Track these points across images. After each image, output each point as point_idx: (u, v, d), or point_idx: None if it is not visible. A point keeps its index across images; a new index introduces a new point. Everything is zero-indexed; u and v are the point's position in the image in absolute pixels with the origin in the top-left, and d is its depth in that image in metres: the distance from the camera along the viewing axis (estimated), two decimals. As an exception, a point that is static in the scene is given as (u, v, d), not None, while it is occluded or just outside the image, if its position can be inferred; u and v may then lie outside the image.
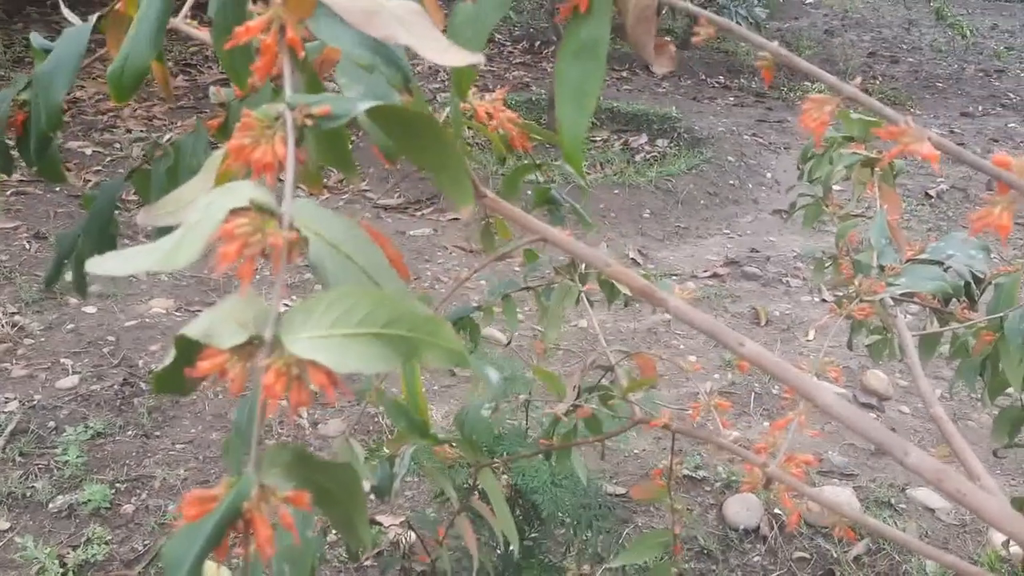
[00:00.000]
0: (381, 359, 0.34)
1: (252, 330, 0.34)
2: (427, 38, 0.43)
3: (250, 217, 0.35)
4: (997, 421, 1.08)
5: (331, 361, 0.33)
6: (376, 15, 0.42)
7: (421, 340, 0.34)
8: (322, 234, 0.38)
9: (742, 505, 1.90)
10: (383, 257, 0.42)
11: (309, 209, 0.39)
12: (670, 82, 5.76)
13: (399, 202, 3.55)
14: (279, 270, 0.36)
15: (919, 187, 4.23)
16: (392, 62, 0.49)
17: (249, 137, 0.39)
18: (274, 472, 0.35)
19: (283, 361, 0.33)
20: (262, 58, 0.44)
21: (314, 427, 2.13)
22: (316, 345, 0.33)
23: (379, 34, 0.42)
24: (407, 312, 0.35)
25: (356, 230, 0.41)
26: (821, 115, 0.54)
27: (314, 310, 0.35)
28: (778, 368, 0.55)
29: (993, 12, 9.11)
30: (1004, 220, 0.44)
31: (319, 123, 0.41)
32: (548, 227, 0.71)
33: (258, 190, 0.37)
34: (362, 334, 0.34)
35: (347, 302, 0.35)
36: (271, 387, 0.33)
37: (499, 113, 0.96)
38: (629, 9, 0.60)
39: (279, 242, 0.35)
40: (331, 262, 0.38)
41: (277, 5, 0.44)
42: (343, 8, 0.42)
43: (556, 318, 1.07)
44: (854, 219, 1.22)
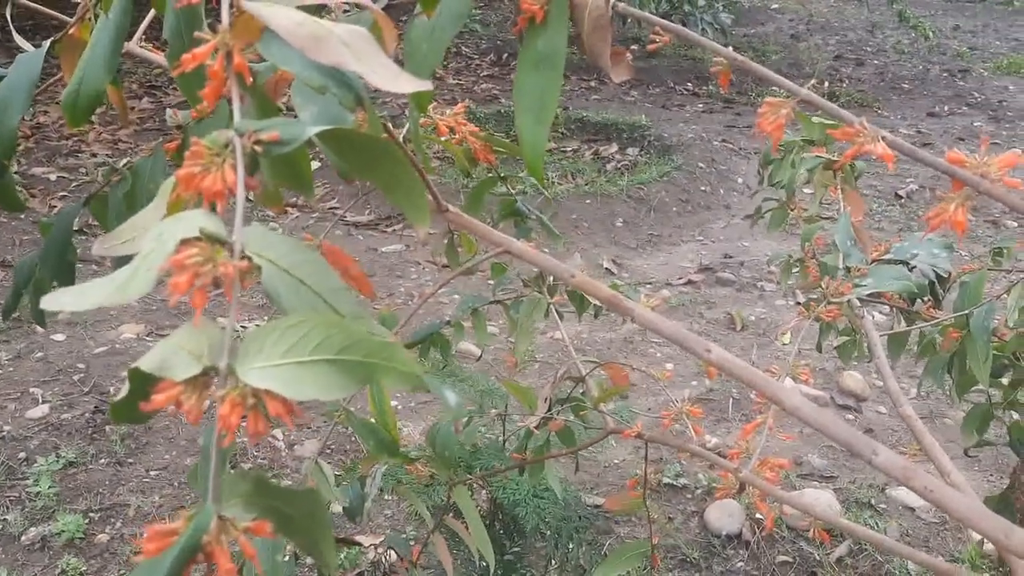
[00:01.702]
0: (337, 385, 0.34)
1: (206, 361, 0.34)
2: (376, 64, 0.43)
3: (200, 247, 0.35)
4: (966, 420, 1.09)
5: (287, 390, 0.33)
6: (324, 41, 0.42)
7: (377, 365, 0.34)
8: (275, 261, 0.38)
9: (723, 511, 1.90)
10: (339, 280, 0.41)
11: (261, 235, 0.38)
12: (639, 90, 5.79)
13: (370, 219, 3.54)
14: (232, 299, 0.35)
15: (889, 188, 4.27)
16: (344, 83, 0.48)
17: (198, 165, 0.39)
18: (234, 502, 0.35)
19: (238, 392, 0.33)
20: (210, 84, 0.44)
21: (290, 449, 2.11)
22: (271, 374, 0.33)
23: (326, 60, 0.41)
24: (362, 337, 0.34)
25: (310, 254, 0.40)
26: (777, 118, 0.54)
27: (268, 338, 0.34)
28: (745, 372, 0.54)
29: (955, 13, 9.26)
30: (959, 216, 0.44)
31: (269, 149, 0.41)
32: (512, 240, 0.71)
33: (208, 219, 0.37)
34: (318, 361, 0.34)
35: (302, 329, 0.34)
36: (226, 418, 0.32)
37: (461, 127, 0.96)
38: (584, 19, 0.60)
39: (230, 271, 0.35)
40: (285, 288, 0.38)
41: (223, 31, 0.43)
42: (290, 34, 0.41)
43: (526, 331, 1.06)
44: (819, 222, 1.22)
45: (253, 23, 0.43)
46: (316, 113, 0.51)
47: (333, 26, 0.42)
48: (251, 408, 0.32)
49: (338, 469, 1.94)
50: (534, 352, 2.60)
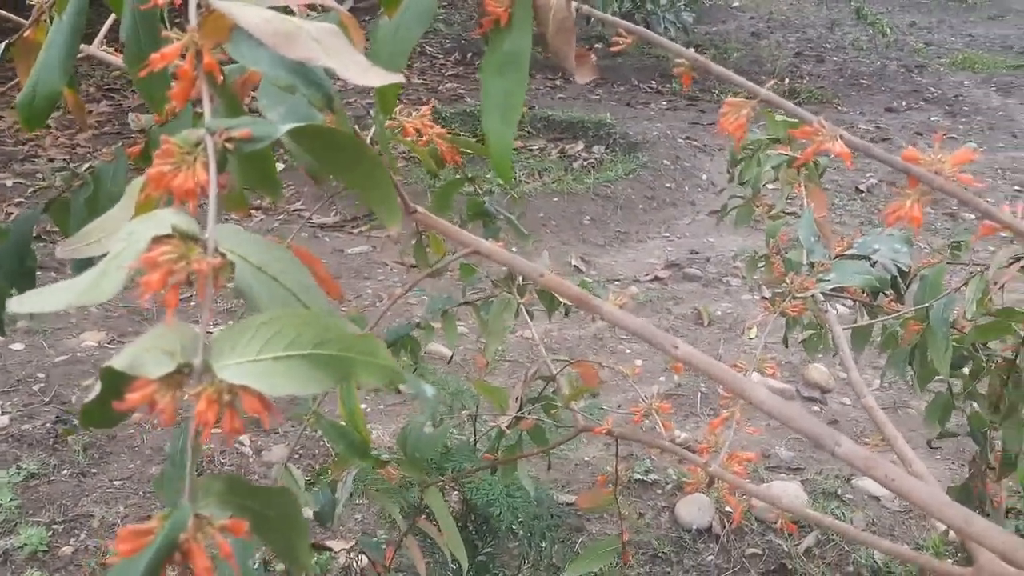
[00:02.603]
0: (315, 380, 0.34)
1: (180, 358, 0.34)
2: (347, 59, 0.43)
3: (173, 244, 0.35)
4: (928, 411, 1.11)
5: (263, 385, 0.33)
6: (295, 37, 0.42)
7: (354, 359, 0.34)
8: (248, 258, 0.38)
9: (694, 505, 1.91)
10: (311, 278, 0.41)
11: (234, 233, 0.38)
12: (604, 89, 5.82)
13: (335, 220, 3.52)
14: (205, 296, 0.35)
15: (850, 182, 4.33)
16: (313, 82, 0.48)
17: (169, 164, 0.39)
18: (209, 501, 0.35)
19: (214, 388, 0.33)
20: (179, 84, 0.43)
21: (257, 454, 2.09)
22: (247, 370, 0.33)
23: (298, 56, 0.41)
24: (338, 332, 0.34)
25: (282, 252, 0.40)
26: (739, 118, 0.55)
27: (243, 335, 0.34)
28: (711, 367, 0.55)
29: (911, 10, 9.41)
30: (915, 212, 0.45)
31: (240, 147, 0.41)
32: (480, 240, 0.71)
33: (180, 217, 0.36)
34: (294, 356, 0.34)
35: (276, 325, 0.34)
36: (203, 415, 0.32)
37: (428, 129, 0.96)
38: (548, 21, 0.60)
39: (204, 268, 0.35)
40: (258, 285, 0.38)
41: (193, 30, 0.43)
42: (261, 31, 0.41)
43: (496, 331, 1.07)
44: (784, 218, 1.24)
45: (222, 22, 0.43)
46: (284, 113, 0.51)
47: (303, 23, 0.42)
48: (227, 405, 0.31)
49: (307, 474, 1.93)
50: (504, 351, 2.60)
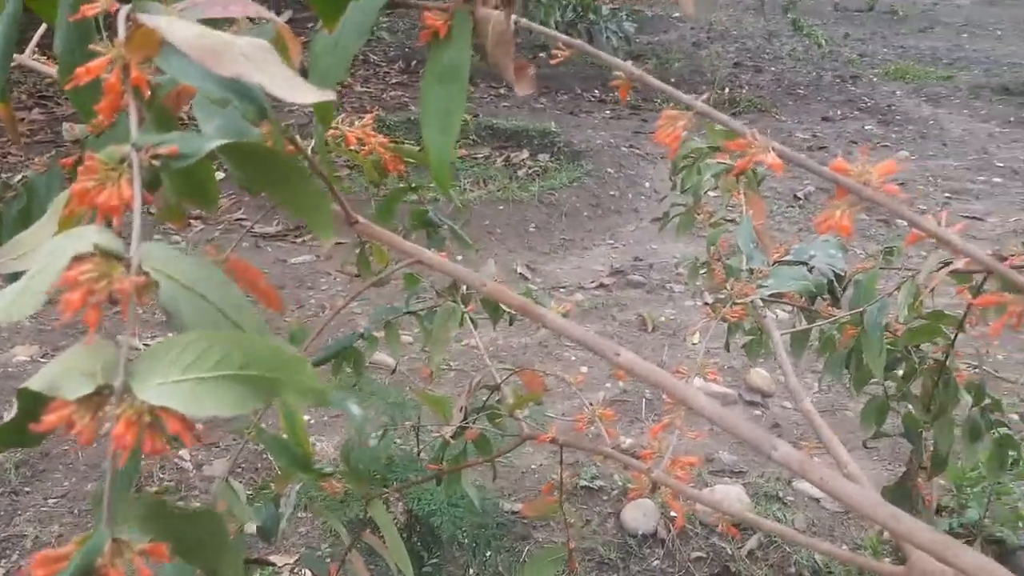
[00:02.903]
0: (239, 401, 0.33)
1: (100, 379, 0.33)
2: (278, 75, 0.42)
3: (95, 263, 0.34)
4: (864, 413, 1.14)
5: (186, 406, 0.32)
6: (223, 53, 0.41)
7: (280, 380, 0.34)
8: (174, 276, 0.37)
9: (639, 511, 1.93)
10: (241, 295, 0.41)
11: (159, 251, 0.38)
12: (547, 97, 5.86)
13: (278, 229, 3.47)
14: (128, 316, 0.35)
15: (788, 190, 4.43)
16: (246, 96, 0.47)
17: (93, 180, 0.38)
18: (130, 525, 0.34)
19: (134, 410, 0.32)
20: (106, 98, 0.43)
21: (198, 469, 2.05)
22: (169, 391, 0.32)
23: (228, 72, 0.41)
24: (265, 352, 0.34)
25: (212, 269, 0.40)
26: (674, 130, 0.56)
27: (167, 354, 0.33)
28: (653, 375, 0.56)
29: (845, 22, 9.67)
30: (844, 221, 0.46)
31: (168, 163, 0.40)
32: (422, 249, 0.71)
33: (103, 234, 0.36)
34: (219, 376, 0.33)
35: (202, 344, 0.34)
36: (121, 437, 0.32)
37: (370, 138, 0.96)
38: (488, 33, 0.61)
39: (126, 287, 0.34)
40: (184, 304, 0.37)
41: (120, 44, 0.42)
42: (189, 47, 0.41)
43: (441, 341, 1.06)
44: (724, 225, 1.26)
45: (151, 36, 0.42)
46: (219, 126, 0.50)
47: (233, 38, 0.42)
48: (147, 426, 0.31)
49: (249, 488, 1.89)
50: (450, 360, 2.60)
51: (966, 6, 11.00)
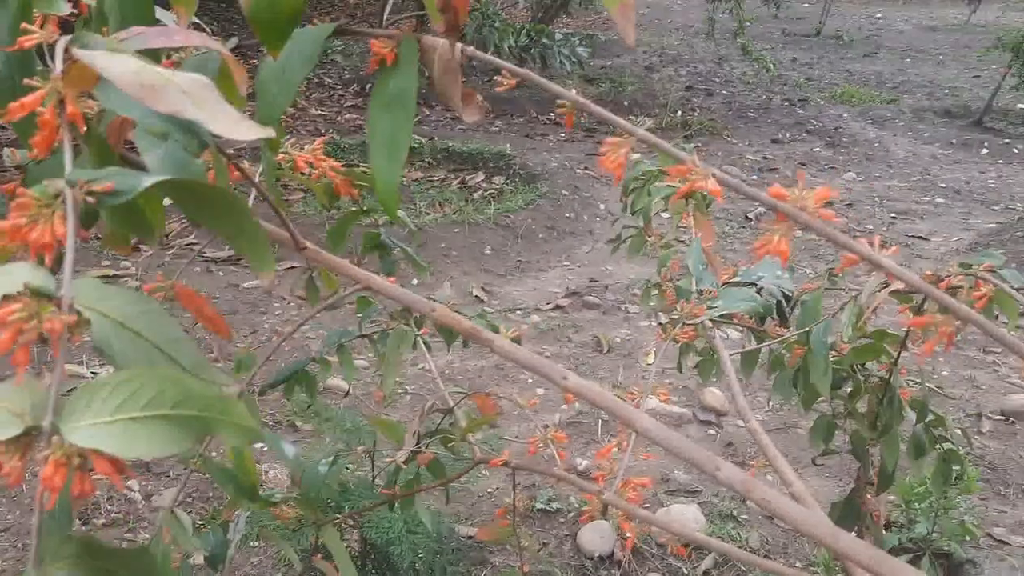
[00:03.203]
0: (171, 441, 0.33)
1: (29, 420, 0.32)
2: (217, 111, 0.42)
3: (24, 302, 0.34)
4: (812, 431, 1.16)
5: (116, 448, 0.32)
6: (161, 90, 0.41)
7: (213, 419, 0.34)
8: (107, 313, 0.37)
9: (595, 533, 1.93)
10: (178, 329, 0.40)
11: (93, 288, 0.37)
12: (503, 120, 5.89)
13: (230, 254, 3.43)
14: (59, 355, 0.34)
15: (740, 211, 4.50)
16: (187, 129, 0.47)
17: (26, 216, 0.37)
18: (61, 566, 0.34)
19: (62, 452, 0.32)
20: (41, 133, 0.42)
21: (147, 500, 2.01)
22: (99, 432, 0.32)
23: (165, 109, 0.40)
24: (197, 391, 0.34)
25: (148, 303, 0.39)
26: (618, 157, 0.57)
27: (98, 394, 0.33)
28: (599, 397, 0.56)
29: (792, 47, 9.90)
30: (782, 246, 0.48)
31: (103, 200, 0.40)
32: (371, 275, 0.71)
33: (35, 272, 0.35)
34: (151, 416, 0.33)
35: (134, 384, 0.33)
36: (49, 480, 0.31)
37: (320, 162, 0.95)
38: (435, 62, 0.61)
39: (57, 327, 0.34)
40: (118, 341, 0.36)
41: (56, 78, 0.42)
42: (126, 84, 0.40)
43: (393, 364, 1.06)
44: (674, 247, 1.28)
45: (88, 71, 0.42)
46: (161, 157, 0.50)
47: (172, 74, 0.42)
48: (76, 468, 0.30)
49: (200, 517, 1.86)
50: (405, 384, 2.58)
51: (908, 32, 11.34)
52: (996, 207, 4.87)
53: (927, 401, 1.12)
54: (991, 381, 2.86)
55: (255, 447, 2.21)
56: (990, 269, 0.82)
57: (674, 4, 11.57)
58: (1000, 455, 2.41)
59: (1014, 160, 5.95)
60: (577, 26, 9.04)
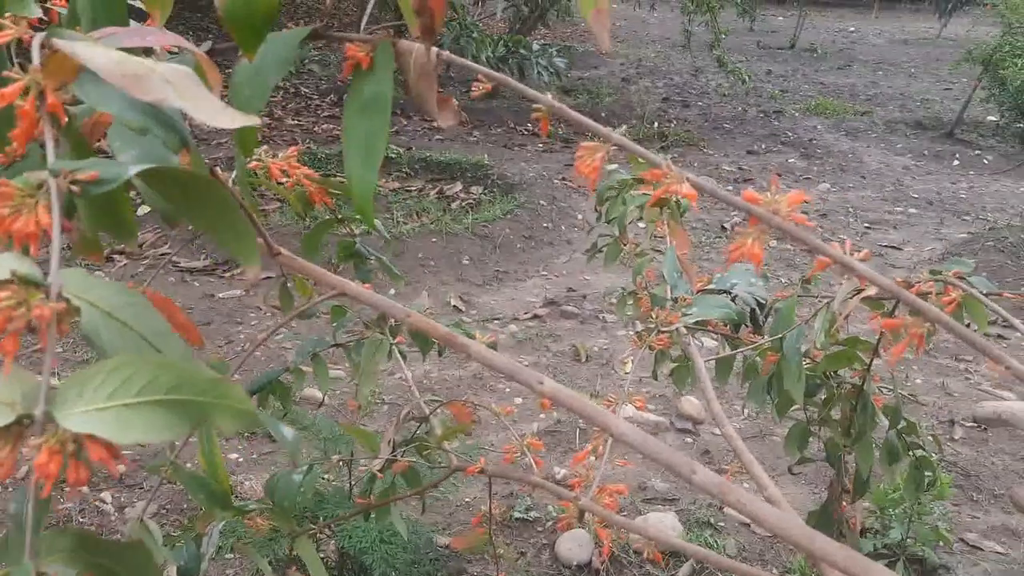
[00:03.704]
0: (168, 426, 0.33)
1: (20, 409, 0.32)
2: (200, 100, 0.42)
3: (12, 290, 0.33)
4: (787, 438, 1.16)
5: (111, 433, 0.32)
6: (145, 78, 0.41)
7: (209, 403, 0.33)
8: (96, 303, 0.36)
9: (573, 542, 1.93)
10: (166, 323, 0.40)
11: (80, 278, 0.37)
12: (481, 130, 5.90)
13: (205, 264, 3.41)
14: (47, 343, 0.34)
15: (715, 221, 4.53)
16: (166, 124, 0.47)
17: (9, 207, 0.37)
18: (55, 559, 0.33)
19: (56, 438, 0.31)
20: (20, 125, 0.42)
21: (120, 512, 1.98)
22: (94, 418, 0.32)
23: (149, 98, 0.40)
24: (193, 376, 0.33)
25: (135, 297, 0.39)
26: (593, 161, 0.57)
27: (91, 381, 0.33)
28: (575, 403, 0.56)
29: (767, 59, 10.00)
30: (755, 250, 0.48)
31: (87, 189, 0.39)
32: (346, 281, 0.71)
33: (21, 261, 0.35)
34: (145, 402, 0.33)
35: (127, 370, 0.33)
36: (44, 467, 0.31)
37: (295, 170, 0.95)
38: (410, 66, 0.61)
39: (46, 314, 0.33)
40: (107, 331, 0.36)
41: (35, 70, 0.41)
42: (109, 73, 0.40)
43: (369, 373, 1.05)
44: (648, 255, 1.28)
45: (68, 62, 0.42)
46: (137, 156, 0.49)
47: (155, 64, 0.42)
48: (71, 455, 0.30)
49: (175, 529, 1.84)
50: (381, 394, 2.57)
51: (881, 45, 11.50)
52: (967, 217, 4.94)
53: (900, 407, 1.13)
54: (963, 388, 2.89)
55: (228, 457, 2.18)
56: (959, 275, 0.83)
57: (651, 17, 11.66)
58: (972, 461, 2.44)
59: (985, 171, 6.04)
60: (554, 37, 9.09)
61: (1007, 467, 2.42)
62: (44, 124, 0.42)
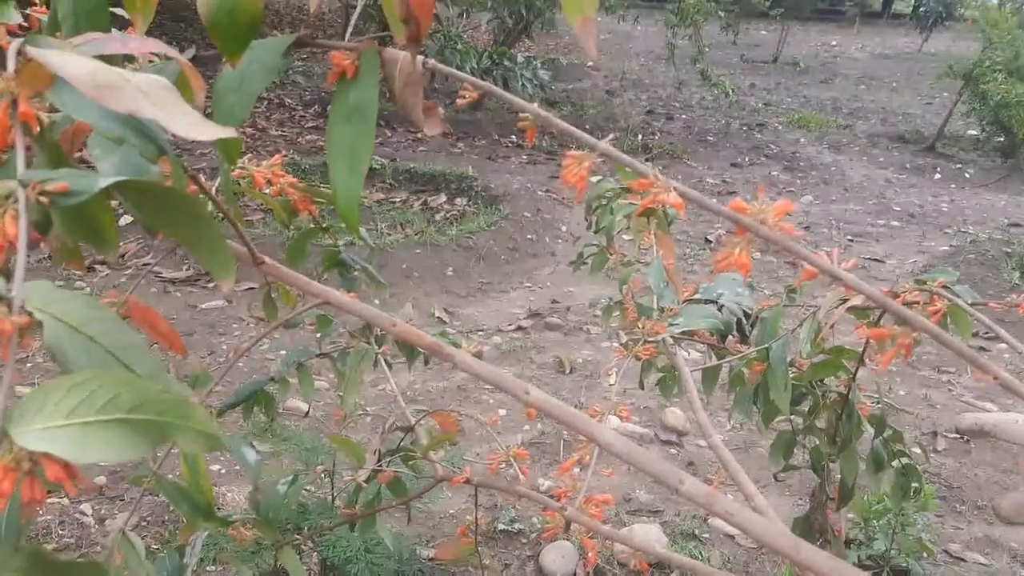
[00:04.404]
0: (128, 446, 0.32)
1: None
2: (176, 112, 0.41)
3: None
4: (773, 447, 1.16)
5: (69, 452, 0.31)
6: (118, 89, 0.40)
7: (171, 424, 0.33)
8: (60, 316, 0.36)
9: (558, 553, 1.92)
10: (135, 336, 0.39)
11: (45, 291, 0.36)
12: (465, 142, 5.91)
13: (188, 274, 3.39)
14: (7, 357, 0.33)
15: (700, 233, 4.55)
16: (144, 134, 0.46)
17: (-26, 217, 0.36)
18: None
19: (11, 456, 0.31)
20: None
21: (100, 524, 1.95)
22: (51, 436, 0.31)
23: (123, 109, 0.40)
24: (155, 395, 0.33)
25: (102, 310, 0.38)
26: (580, 171, 0.57)
27: (50, 398, 0.32)
28: (560, 412, 0.56)
29: (751, 72, 10.08)
30: (743, 259, 0.48)
31: (57, 201, 0.39)
32: (330, 290, 0.70)
33: (-17, 274, 0.34)
34: (106, 421, 0.32)
35: (89, 387, 0.32)
36: None
37: (279, 178, 0.95)
38: (396, 75, 0.61)
39: (7, 328, 0.33)
40: (71, 345, 0.36)
41: (8, 78, 0.41)
42: (83, 83, 0.39)
43: (354, 383, 1.05)
44: (635, 265, 1.28)
45: (42, 70, 0.41)
46: (116, 164, 0.49)
47: (130, 74, 0.41)
48: (26, 474, 0.29)
49: (156, 541, 1.82)
50: (366, 405, 2.56)
51: (863, 59, 11.62)
52: (949, 230, 4.99)
53: (886, 416, 1.13)
54: (946, 400, 2.91)
55: (211, 469, 2.16)
56: (943, 285, 0.83)
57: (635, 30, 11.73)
58: (955, 473, 2.45)
59: (966, 185, 6.11)
60: (539, 50, 9.13)
61: (989, 478, 2.44)
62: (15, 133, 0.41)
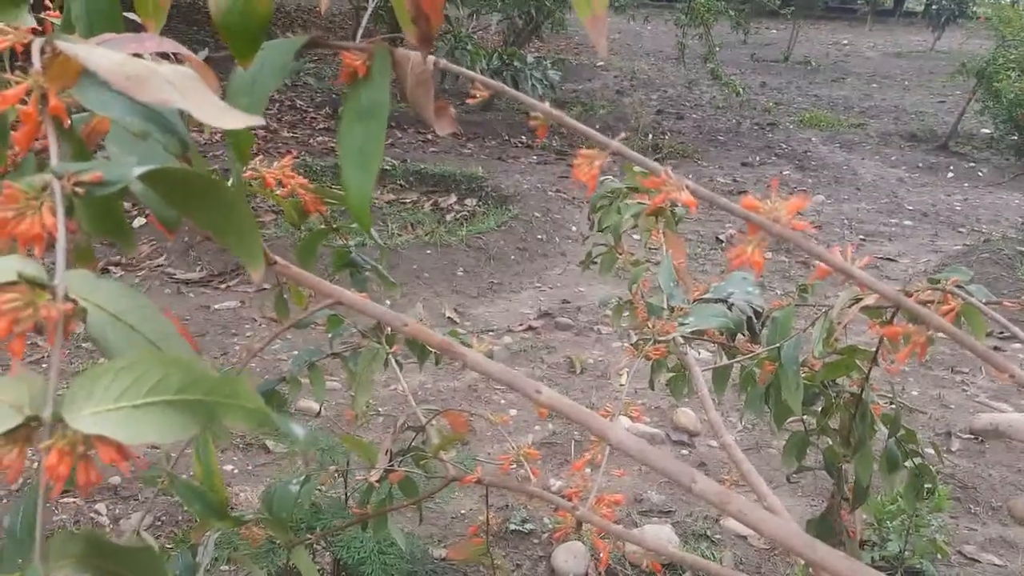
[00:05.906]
0: (178, 426, 0.32)
1: (28, 411, 0.32)
2: (203, 102, 0.42)
3: (20, 291, 0.33)
4: (785, 448, 1.16)
5: (122, 434, 0.31)
6: (147, 80, 0.41)
7: (219, 403, 0.33)
8: (103, 305, 0.36)
9: (569, 554, 1.92)
10: (172, 325, 0.40)
11: (87, 280, 0.37)
12: (475, 143, 5.91)
13: (201, 275, 3.40)
14: (54, 344, 0.33)
15: (711, 232, 4.54)
16: (168, 128, 0.47)
17: (13, 210, 0.37)
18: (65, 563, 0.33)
19: (67, 440, 0.31)
20: (23, 128, 0.42)
21: (115, 523, 1.96)
22: (104, 419, 0.32)
23: (151, 99, 0.40)
24: (202, 375, 0.33)
25: (141, 299, 0.39)
26: (592, 169, 0.57)
27: (99, 382, 0.33)
28: (573, 411, 0.56)
29: (762, 71, 10.05)
30: (756, 257, 0.48)
31: (91, 191, 0.39)
32: (342, 290, 0.70)
33: (27, 263, 0.35)
34: (155, 402, 0.32)
35: (136, 371, 0.33)
36: (54, 468, 0.31)
37: (290, 179, 0.95)
38: (407, 74, 0.61)
39: (54, 315, 0.33)
40: (113, 333, 0.36)
41: (37, 73, 0.41)
42: (112, 75, 0.40)
43: (365, 383, 1.05)
44: (644, 265, 1.28)
45: (69, 65, 0.41)
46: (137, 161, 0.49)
47: (156, 66, 0.41)
48: (81, 456, 0.30)
49: (170, 541, 1.82)
50: (377, 405, 2.56)
51: (875, 58, 11.57)
52: (962, 229, 4.96)
53: (899, 415, 1.12)
54: (960, 400, 2.89)
55: (224, 469, 2.17)
56: (957, 284, 0.83)
57: (644, 30, 11.72)
58: (970, 473, 2.44)
59: (979, 183, 6.07)
60: (549, 50, 9.13)
61: (1004, 479, 2.42)
62: (47, 126, 0.42)
